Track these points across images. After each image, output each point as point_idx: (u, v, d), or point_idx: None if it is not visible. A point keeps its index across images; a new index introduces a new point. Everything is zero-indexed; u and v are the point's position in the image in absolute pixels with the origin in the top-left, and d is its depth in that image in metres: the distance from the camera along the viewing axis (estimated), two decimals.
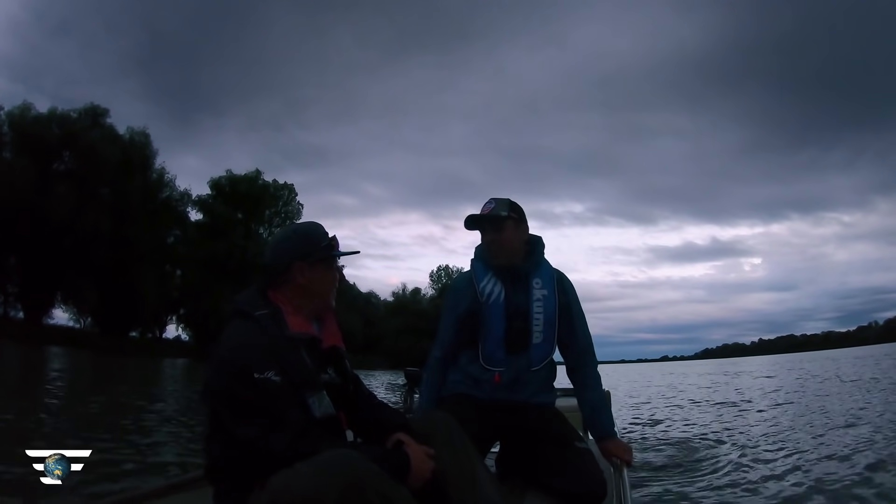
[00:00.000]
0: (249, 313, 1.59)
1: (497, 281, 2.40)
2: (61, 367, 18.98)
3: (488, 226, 2.40)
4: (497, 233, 2.38)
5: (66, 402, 9.96)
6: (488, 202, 2.43)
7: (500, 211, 2.38)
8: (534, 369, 2.39)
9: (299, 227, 1.81)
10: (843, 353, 61.30)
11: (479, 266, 2.47)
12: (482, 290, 2.39)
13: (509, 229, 2.39)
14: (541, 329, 2.37)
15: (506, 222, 2.39)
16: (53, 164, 33.38)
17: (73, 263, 31.88)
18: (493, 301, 2.37)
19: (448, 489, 1.62)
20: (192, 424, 7.41)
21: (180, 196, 41.09)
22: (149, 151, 38.05)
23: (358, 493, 1.29)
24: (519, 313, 2.37)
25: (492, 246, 2.40)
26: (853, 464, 5.19)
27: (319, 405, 1.57)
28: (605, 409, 2.48)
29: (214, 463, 1.55)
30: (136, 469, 4.79)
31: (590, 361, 2.50)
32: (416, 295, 71.70)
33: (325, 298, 1.73)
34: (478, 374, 2.38)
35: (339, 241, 1.77)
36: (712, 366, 59.12)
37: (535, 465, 2.29)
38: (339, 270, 1.80)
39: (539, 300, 2.39)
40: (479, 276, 2.43)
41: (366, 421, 1.78)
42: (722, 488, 4.65)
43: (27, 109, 33.15)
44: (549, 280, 2.44)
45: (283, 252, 1.71)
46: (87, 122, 34.62)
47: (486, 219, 2.40)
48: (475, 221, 2.42)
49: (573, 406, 2.87)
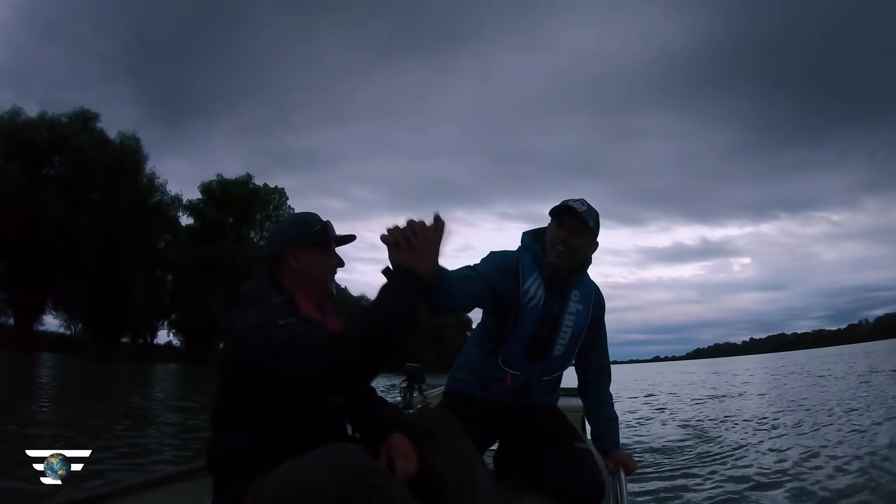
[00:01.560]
0: (266, 300, 1.58)
1: (541, 284, 2.25)
2: (52, 373, 18.80)
3: (571, 222, 2.19)
4: (574, 235, 2.19)
5: (60, 406, 9.91)
6: (580, 201, 2.23)
7: (589, 219, 2.19)
8: (545, 378, 2.39)
9: (293, 215, 1.91)
10: (834, 351, 61.70)
11: (527, 260, 2.28)
12: (525, 291, 2.23)
13: (587, 241, 2.25)
14: (565, 342, 2.31)
15: (589, 233, 2.23)
16: (43, 169, 33.01)
17: (63, 269, 31.53)
18: (531, 306, 2.24)
19: (446, 487, 1.62)
20: (189, 426, 7.41)
21: (171, 200, 40.69)
22: (139, 156, 37.69)
23: (358, 487, 1.29)
24: (549, 322, 2.27)
25: (563, 245, 2.19)
26: (852, 462, 5.27)
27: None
28: (615, 426, 2.44)
29: (217, 454, 1.54)
30: (135, 469, 4.81)
31: (606, 379, 2.50)
32: None
33: (323, 283, 1.74)
34: (490, 372, 2.33)
35: (333, 227, 1.79)
36: (704, 365, 59.34)
37: (534, 464, 2.30)
38: (338, 258, 1.80)
39: (572, 313, 2.29)
40: (525, 273, 2.25)
41: (365, 417, 1.79)
42: (720, 487, 4.70)
43: (16, 114, 32.78)
44: (587, 295, 2.34)
45: (277, 239, 1.76)
46: (77, 126, 34.25)
47: (573, 213, 2.18)
48: (562, 212, 2.20)
49: (573, 406, 2.92)
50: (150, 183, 38.83)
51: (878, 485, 4.42)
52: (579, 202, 2.20)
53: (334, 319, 1.78)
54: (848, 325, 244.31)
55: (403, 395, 4.36)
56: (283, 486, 1.33)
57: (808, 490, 4.41)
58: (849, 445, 5.84)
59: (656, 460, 5.86)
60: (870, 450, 5.59)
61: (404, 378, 4.38)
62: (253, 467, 1.43)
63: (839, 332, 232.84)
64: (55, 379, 16.71)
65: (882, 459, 5.17)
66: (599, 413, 2.46)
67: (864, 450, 5.58)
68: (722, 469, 5.27)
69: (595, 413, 2.48)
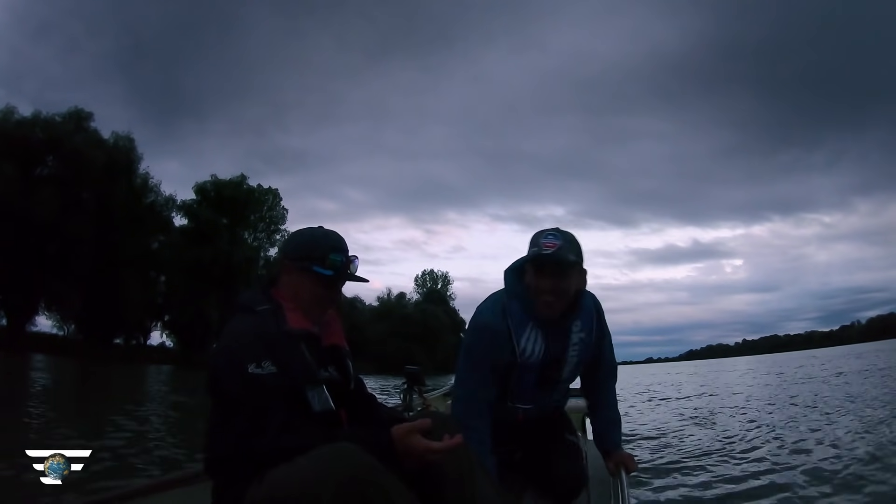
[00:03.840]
0: (251, 308, 1.62)
1: (538, 335, 2.10)
2: (46, 374, 18.70)
3: (551, 269, 2.00)
4: (559, 279, 2.01)
5: (55, 406, 9.86)
6: (552, 235, 2.02)
7: (569, 254, 2.00)
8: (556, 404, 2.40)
9: (317, 231, 1.76)
10: (827, 353, 61.90)
11: (516, 311, 2.10)
12: (523, 351, 2.10)
13: (574, 277, 2.06)
14: (570, 370, 2.24)
15: (573, 268, 2.04)
16: (37, 169, 32.74)
17: (56, 269, 31.33)
18: (532, 359, 2.12)
19: (446, 487, 1.61)
20: (185, 426, 7.39)
21: (165, 201, 40.51)
22: (133, 156, 37.44)
23: (356, 488, 1.29)
24: (553, 362, 2.17)
25: (549, 296, 2.02)
26: (849, 458, 5.31)
27: (318, 399, 1.58)
28: (617, 427, 2.41)
29: (214, 456, 1.54)
30: (135, 469, 4.81)
31: (612, 384, 2.46)
32: (401, 299, 71.10)
33: (309, 307, 1.69)
34: (501, 412, 2.21)
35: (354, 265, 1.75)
36: (697, 367, 59.45)
37: (525, 456, 2.33)
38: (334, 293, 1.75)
39: (577, 344, 2.18)
40: (517, 331, 2.09)
41: (363, 419, 1.78)
42: (720, 486, 4.73)
43: (10, 113, 32.53)
44: (588, 320, 2.20)
45: (284, 246, 1.76)
46: (72, 126, 34.00)
47: (551, 260, 1.99)
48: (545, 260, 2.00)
49: (573, 406, 2.94)
50: (144, 183, 38.64)
51: (878, 483, 4.46)
52: (552, 237, 2.01)
53: (337, 330, 1.79)
54: (840, 327, 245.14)
55: (403, 397, 4.37)
56: (280, 488, 1.33)
57: (808, 490, 4.44)
58: (849, 445, 5.87)
59: (656, 459, 5.88)
60: (869, 448, 5.62)
61: (404, 381, 4.39)
62: (249, 470, 1.42)
63: (832, 334, 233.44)
64: (48, 380, 16.60)
65: (881, 457, 5.22)
66: (602, 414, 2.44)
67: (864, 450, 5.60)
68: (722, 469, 5.30)
69: (597, 414, 2.47)
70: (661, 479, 4.99)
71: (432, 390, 5.02)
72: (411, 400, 4.32)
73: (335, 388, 1.68)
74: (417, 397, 4.37)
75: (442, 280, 77.51)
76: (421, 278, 77.14)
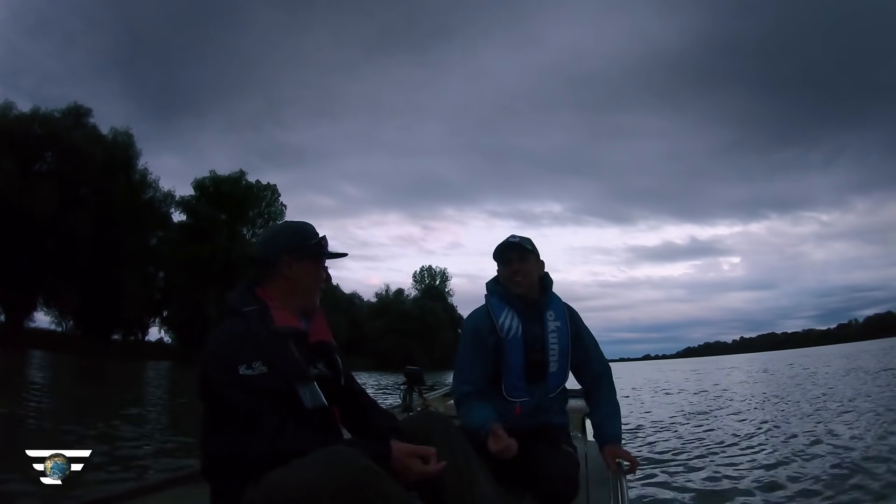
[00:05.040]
0: (238, 310, 1.62)
1: (514, 315, 2.48)
2: (45, 371, 18.70)
3: (516, 254, 2.50)
4: (522, 263, 2.49)
5: (54, 404, 9.86)
6: (510, 236, 2.55)
7: (526, 244, 2.51)
8: (551, 396, 2.50)
9: (290, 224, 1.86)
10: (825, 350, 62.08)
11: (494, 301, 2.54)
12: (502, 326, 2.46)
13: (532, 262, 2.52)
14: (556, 359, 2.48)
15: (531, 255, 2.52)
16: (35, 165, 32.58)
17: (54, 265, 31.23)
18: (512, 336, 2.45)
19: (445, 489, 1.63)
20: (185, 425, 7.40)
21: (164, 197, 40.27)
22: (132, 152, 37.18)
23: (355, 491, 1.29)
24: (536, 345, 2.47)
25: (517, 275, 2.48)
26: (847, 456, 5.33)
27: (310, 396, 1.59)
28: (613, 421, 2.55)
29: (211, 459, 1.54)
30: (134, 469, 4.81)
31: (606, 384, 2.63)
32: (399, 295, 71.20)
33: (310, 295, 1.76)
34: (499, 406, 2.42)
35: (328, 242, 1.80)
36: (695, 364, 59.56)
37: (523, 463, 2.32)
38: (327, 271, 1.81)
39: (554, 331, 2.50)
40: (496, 312, 2.50)
41: (355, 422, 1.81)
42: (720, 486, 4.74)
43: (8, 108, 32.28)
44: (561, 312, 2.55)
45: (272, 246, 1.76)
46: (70, 121, 33.80)
47: (516, 246, 2.50)
48: (503, 250, 2.53)
49: (573, 406, 2.97)
50: (143, 179, 38.41)
51: (878, 481, 4.47)
52: (510, 236, 2.54)
53: (323, 326, 1.80)
54: (838, 325, 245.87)
55: (403, 397, 4.38)
56: (278, 490, 1.33)
57: (807, 488, 4.46)
58: (848, 445, 5.89)
59: (652, 456, 5.89)
60: (869, 448, 5.64)
61: (404, 381, 4.40)
62: (247, 471, 1.43)
63: (829, 332, 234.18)
64: (47, 377, 16.60)
65: (881, 455, 5.24)
66: (599, 410, 2.60)
67: (863, 450, 5.62)
68: (722, 468, 5.31)
69: (595, 410, 2.62)
70: (658, 476, 5.01)
71: (432, 390, 5.03)
72: (411, 400, 4.33)
73: (326, 384, 1.69)
74: (417, 397, 4.38)
75: (440, 276, 77.68)
76: (419, 274, 77.37)
